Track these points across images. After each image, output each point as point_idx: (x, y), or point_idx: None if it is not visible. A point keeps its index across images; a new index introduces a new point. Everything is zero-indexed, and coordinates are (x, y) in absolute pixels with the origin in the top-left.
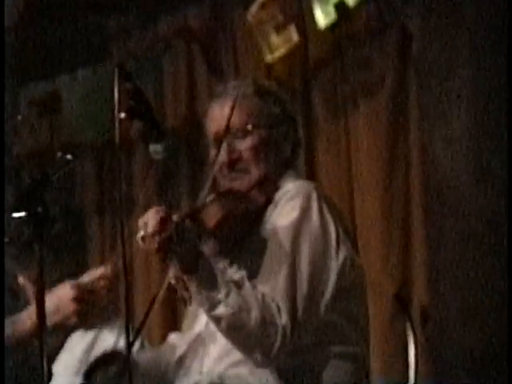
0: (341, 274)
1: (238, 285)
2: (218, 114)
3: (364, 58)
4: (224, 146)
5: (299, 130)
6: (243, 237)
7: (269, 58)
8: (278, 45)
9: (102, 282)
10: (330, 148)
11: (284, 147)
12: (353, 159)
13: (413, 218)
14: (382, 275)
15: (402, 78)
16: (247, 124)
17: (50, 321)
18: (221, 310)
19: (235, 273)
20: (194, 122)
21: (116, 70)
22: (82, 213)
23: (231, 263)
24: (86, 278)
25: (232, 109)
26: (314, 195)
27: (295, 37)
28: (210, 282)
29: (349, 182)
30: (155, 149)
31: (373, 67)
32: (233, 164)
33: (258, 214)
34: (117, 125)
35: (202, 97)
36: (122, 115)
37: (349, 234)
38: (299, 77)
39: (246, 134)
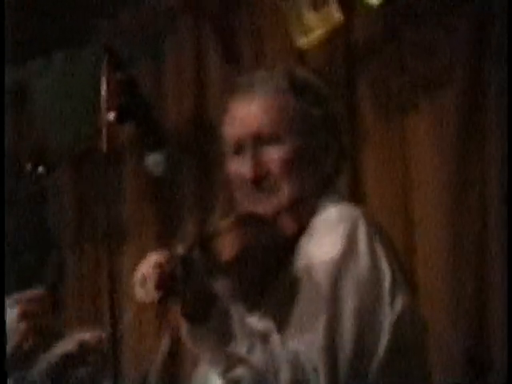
0: (396, 329)
1: (263, 338)
2: (243, 114)
3: (427, 43)
4: (248, 156)
5: (344, 138)
6: (269, 275)
7: (302, 41)
8: (315, 25)
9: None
10: (382, 161)
11: (324, 160)
12: (411, 176)
13: (490, 255)
14: (449, 331)
15: (478, 69)
16: (279, 129)
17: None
18: (240, 371)
19: (259, 322)
20: (205, 125)
21: (103, 54)
22: (54, 243)
23: (253, 309)
24: (59, 349)
25: (264, 108)
26: (362, 224)
27: (337, 15)
28: (225, 335)
29: (406, 207)
30: (153, 159)
31: (438, 55)
32: (258, 180)
33: (289, 246)
34: (104, 128)
35: (214, 91)
36: (111, 115)
37: (407, 276)
38: (342, 67)
39: (276, 141)
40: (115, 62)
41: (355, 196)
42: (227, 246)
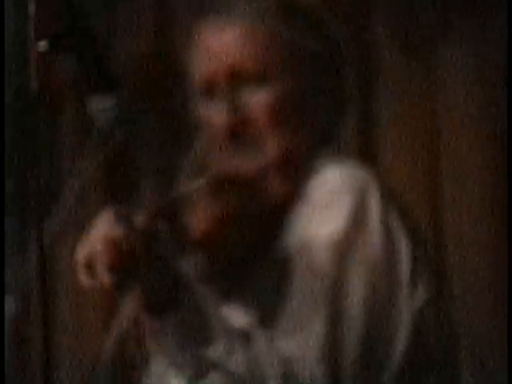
0: (417, 327)
1: (244, 337)
2: (216, 45)
3: None
4: (223, 99)
5: (350, 79)
6: (252, 254)
7: None
8: None
9: None
10: (401, 110)
11: (323, 107)
12: (441, 132)
13: None
14: (491, 332)
15: None
16: (264, 64)
17: None
18: (215, 377)
19: (239, 316)
20: (167, 60)
21: None
22: None
23: (232, 299)
24: None
25: (244, 36)
26: (373, 189)
27: None
28: (195, 331)
29: (433, 172)
30: (99, 104)
31: None
32: (237, 130)
33: (278, 217)
34: (32, 61)
35: (178, 17)
36: (42, 45)
37: (431, 260)
38: None
39: (260, 81)
40: None
41: (364, 156)
42: (199, 217)
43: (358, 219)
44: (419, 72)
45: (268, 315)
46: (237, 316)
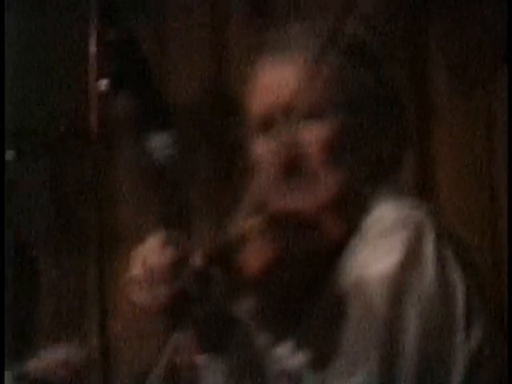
0: (472, 369)
1: (297, 378)
2: (274, 81)
3: None
4: (279, 134)
5: (408, 115)
6: (307, 293)
7: None
8: None
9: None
10: (459, 147)
11: (380, 143)
12: (499, 169)
13: None
14: None
15: None
16: (321, 100)
17: None
18: None
19: (291, 356)
20: (224, 97)
21: (93, 2)
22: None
23: (285, 338)
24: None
25: (301, 72)
26: (429, 226)
27: None
28: (246, 371)
29: (492, 210)
30: (157, 142)
31: None
32: (292, 166)
33: (333, 255)
34: (93, 100)
35: (236, 53)
36: (103, 84)
37: (489, 300)
38: (405, 18)
39: (317, 116)
40: (108, 15)
41: (421, 193)
42: (254, 256)
43: (413, 257)
44: (475, 111)
45: (321, 356)
46: (289, 357)
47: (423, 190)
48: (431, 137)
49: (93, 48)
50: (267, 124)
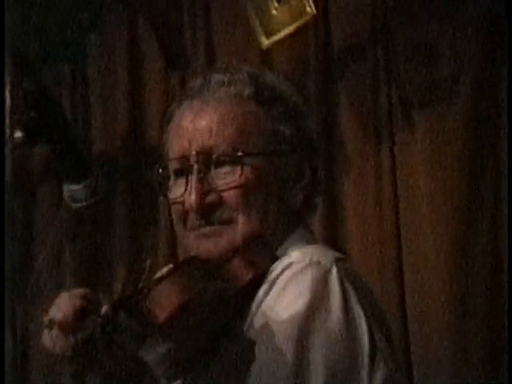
0: None
1: None
2: (191, 126)
3: (424, 43)
4: (193, 178)
5: (318, 164)
6: (216, 339)
7: (265, 41)
8: (282, 20)
9: None
10: (366, 195)
11: (292, 190)
12: (404, 214)
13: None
14: None
15: (490, 75)
16: (236, 146)
17: None
18: None
19: None
20: (142, 147)
21: (7, 56)
22: None
23: (196, 383)
24: None
25: (218, 118)
26: (335, 272)
27: (309, 8)
28: None
29: (397, 256)
30: (74, 192)
31: (439, 60)
32: (205, 210)
33: (242, 301)
34: (7, 152)
35: (154, 104)
36: (18, 135)
37: (392, 341)
38: (316, 75)
39: (232, 162)
40: (22, 67)
41: (330, 239)
42: (164, 303)
43: (318, 301)
44: (382, 158)
45: None
46: None
47: (332, 239)
48: (340, 185)
49: (7, 98)
50: (184, 168)
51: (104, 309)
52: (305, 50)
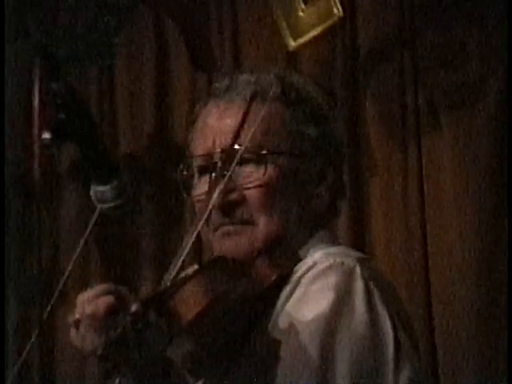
0: None
1: None
2: (216, 125)
3: (451, 48)
4: (217, 176)
5: (343, 168)
6: (241, 338)
7: (292, 43)
8: (309, 23)
9: None
10: (392, 198)
11: (316, 192)
12: (431, 219)
13: None
14: None
15: None
16: (261, 145)
17: None
18: None
19: None
20: (169, 148)
21: (35, 57)
22: None
23: (221, 383)
24: None
25: (243, 117)
26: (358, 272)
27: (336, 10)
28: None
29: (422, 260)
30: (101, 193)
31: (466, 63)
32: (229, 208)
33: (266, 301)
34: (36, 151)
35: (180, 106)
36: (46, 135)
37: (417, 341)
38: (342, 77)
39: (257, 161)
40: (51, 68)
41: (354, 243)
42: (190, 303)
43: (343, 302)
44: (409, 161)
45: None
46: None
47: (357, 243)
48: (366, 188)
49: (36, 98)
50: (206, 166)
51: (134, 307)
52: (331, 52)
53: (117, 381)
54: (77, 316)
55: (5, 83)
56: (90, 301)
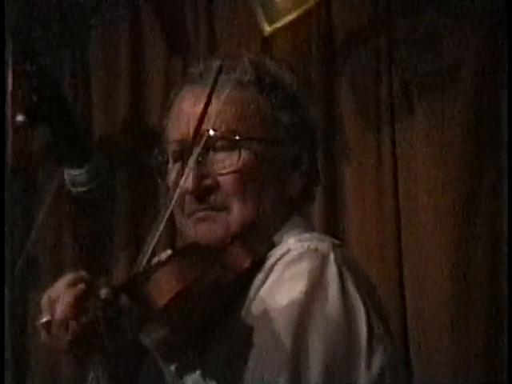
0: None
1: None
2: (190, 111)
3: (426, 33)
4: (191, 162)
5: (318, 153)
6: (214, 324)
7: (267, 28)
8: (285, 7)
9: None
10: (366, 183)
11: (290, 178)
12: (404, 204)
13: (503, 306)
14: None
15: (492, 64)
16: (235, 131)
17: None
18: None
19: None
20: (144, 132)
21: (8, 40)
22: None
23: (193, 368)
24: None
25: (218, 103)
26: (332, 259)
27: None
28: None
29: (395, 246)
30: (74, 176)
31: (441, 49)
32: (202, 194)
33: (239, 287)
34: (10, 134)
35: (155, 90)
36: (19, 118)
37: (389, 326)
38: (317, 62)
39: (230, 147)
40: (24, 51)
41: (329, 228)
42: (162, 288)
43: (316, 287)
44: (383, 147)
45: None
46: None
47: (330, 225)
48: (339, 173)
49: (9, 81)
50: (180, 152)
51: (104, 292)
52: (307, 37)
53: (91, 375)
54: (45, 318)
55: None
56: (58, 296)
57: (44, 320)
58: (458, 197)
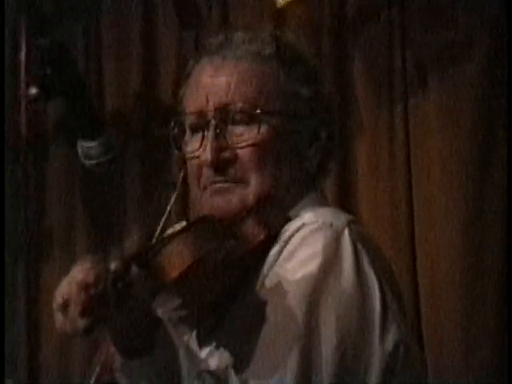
0: (387, 369)
1: (219, 379)
2: (209, 83)
3: (439, 6)
4: (210, 134)
5: (335, 129)
6: (227, 296)
7: (280, 1)
8: None
9: None
10: (379, 158)
11: (307, 153)
12: (417, 180)
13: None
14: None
15: (504, 40)
16: (255, 104)
17: None
18: None
19: (213, 357)
20: (157, 105)
21: (21, 14)
22: None
23: (206, 341)
24: None
25: (237, 75)
26: (347, 234)
27: None
28: (169, 373)
29: (407, 222)
30: (88, 149)
31: (454, 21)
32: (220, 166)
33: (254, 260)
34: (23, 106)
35: (167, 63)
36: (33, 91)
37: (403, 302)
38: (330, 37)
39: (249, 120)
40: (37, 25)
41: (342, 203)
42: (174, 260)
43: (330, 263)
44: (396, 122)
45: (242, 356)
46: (211, 358)
47: (344, 200)
48: (352, 149)
49: (22, 54)
50: (200, 124)
51: (113, 265)
52: (319, 11)
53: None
54: (61, 299)
55: None
56: (70, 286)
57: (60, 302)
58: (469, 170)
